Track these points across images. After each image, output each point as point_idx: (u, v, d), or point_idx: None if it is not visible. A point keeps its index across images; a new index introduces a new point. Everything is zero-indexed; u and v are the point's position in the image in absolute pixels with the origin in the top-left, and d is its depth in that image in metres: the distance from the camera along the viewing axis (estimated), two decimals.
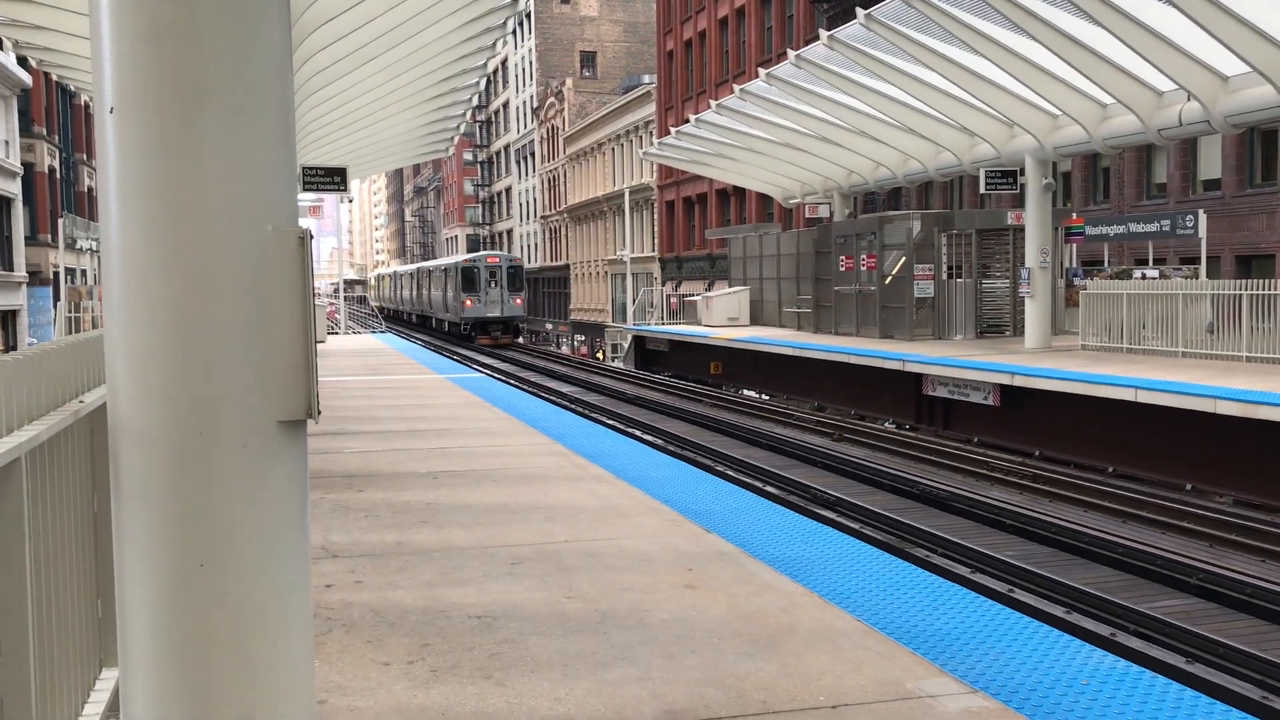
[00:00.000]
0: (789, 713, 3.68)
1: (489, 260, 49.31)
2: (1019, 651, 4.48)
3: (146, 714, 2.43)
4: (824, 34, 20.74)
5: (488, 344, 46.53)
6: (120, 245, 2.40)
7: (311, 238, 2.66)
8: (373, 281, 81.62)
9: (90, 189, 43.80)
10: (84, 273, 36.12)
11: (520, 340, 50.57)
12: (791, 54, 22.39)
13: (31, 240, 36.02)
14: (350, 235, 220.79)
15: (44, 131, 36.95)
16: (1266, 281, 16.38)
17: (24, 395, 2.79)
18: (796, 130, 25.68)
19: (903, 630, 4.72)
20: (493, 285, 48.02)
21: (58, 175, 39.44)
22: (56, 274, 35.04)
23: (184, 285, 2.37)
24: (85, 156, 43.15)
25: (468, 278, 48.24)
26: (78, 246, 35.16)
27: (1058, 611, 8.99)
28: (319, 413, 2.60)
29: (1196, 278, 19.55)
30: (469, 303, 47.63)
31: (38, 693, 2.74)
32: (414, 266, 69.79)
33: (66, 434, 3.10)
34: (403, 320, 64.72)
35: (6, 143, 31.57)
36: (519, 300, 48.49)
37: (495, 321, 47.76)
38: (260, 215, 2.44)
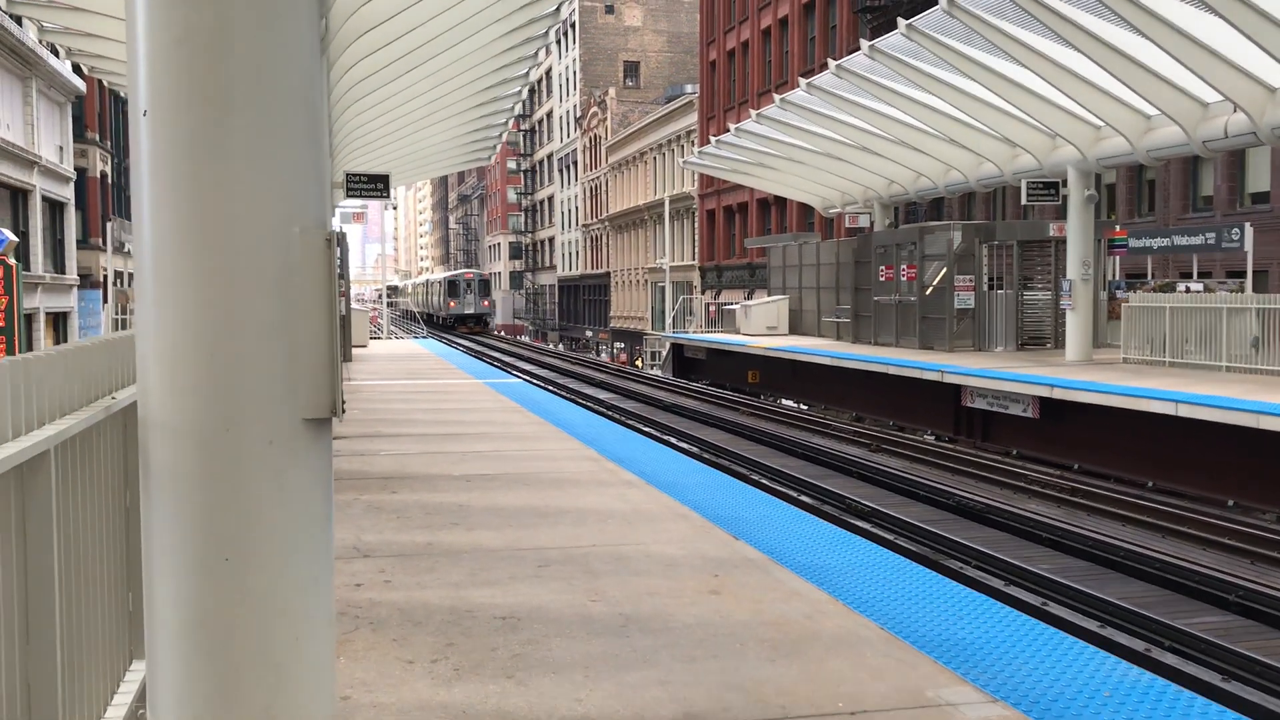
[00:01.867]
0: (808, 718, 3.69)
1: (466, 275, 68.60)
2: (1042, 662, 4.46)
3: (171, 704, 2.48)
4: (865, 44, 20.70)
5: (464, 331, 64.81)
6: (152, 245, 2.47)
7: (340, 239, 2.71)
8: (409, 289, 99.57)
9: None
10: (131, 276, 36.64)
11: (488, 326, 69.86)
12: (832, 64, 22.36)
13: (83, 244, 36.61)
14: (396, 242, 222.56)
15: (96, 137, 37.59)
16: None
17: (56, 390, 2.87)
18: (837, 140, 25.62)
19: (927, 639, 4.71)
20: (469, 293, 67.08)
21: (109, 180, 40.10)
22: (106, 277, 35.62)
23: (212, 284, 2.42)
24: None
25: (452, 287, 67.57)
26: (126, 250, 35.72)
27: (1092, 626, 8.89)
28: (344, 411, 2.65)
29: (1242, 292, 19.28)
30: (452, 304, 66.97)
31: (64, 681, 2.81)
32: (424, 279, 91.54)
33: (98, 429, 3.18)
34: (416, 319, 79.09)
35: (61, 148, 32.15)
36: (486, 303, 67.99)
37: (470, 317, 66.62)
38: (288, 216, 2.49)
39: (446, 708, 3.75)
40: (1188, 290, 20.24)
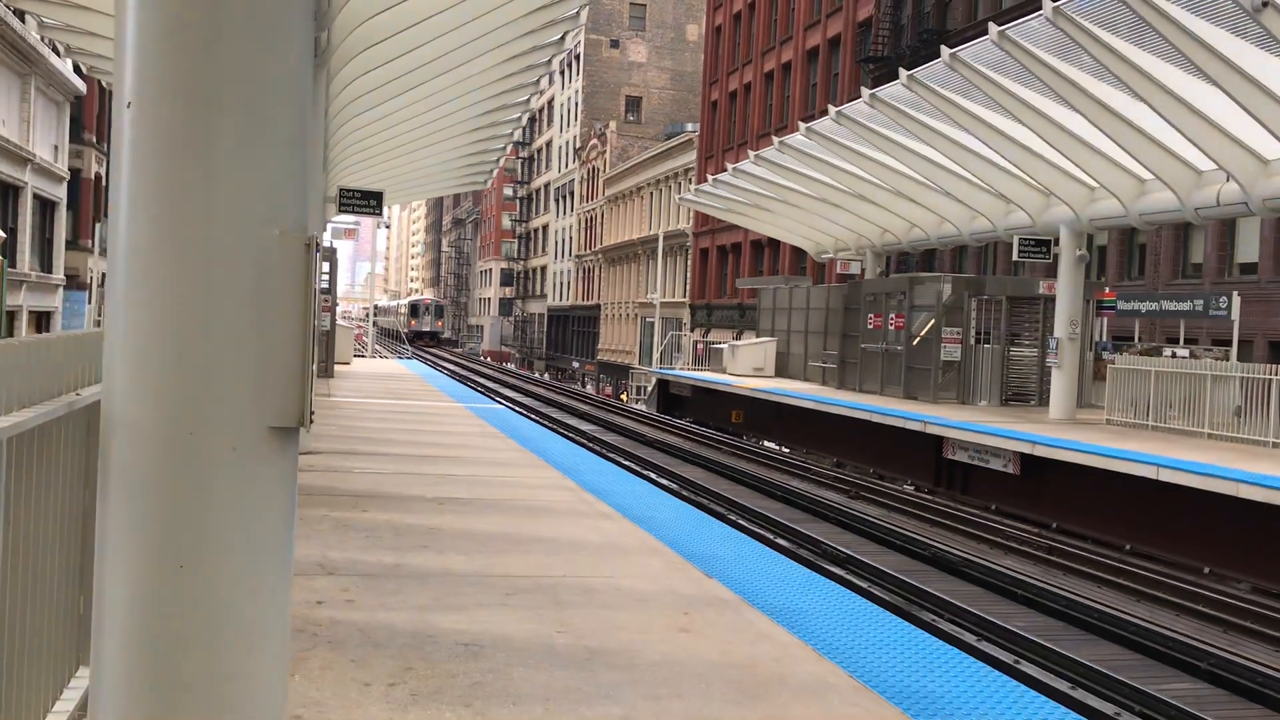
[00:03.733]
0: None
1: (425, 300, 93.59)
2: (1013, 719, 4.39)
3: (114, 714, 2.40)
4: (866, 92, 20.83)
5: (422, 344, 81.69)
6: (127, 240, 2.41)
7: (331, 253, 2.65)
8: (392, 310, 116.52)
9: None
10: None
11: (441, 341, 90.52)
12: (833, 109, 22.49)
13: (73, 245, 36.45)
14: (387, 261, 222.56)
15: (93, 139, 37.53)
16: None
17: (14, 381, 2.79)
18: (833, 186, 25.73)
19: (896, 690, 4.63)
20: (426, 314, 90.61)
21: (104, 182, 40.02)
22: (93, 279, 35.44)
23: (186, 283, 2.36)
24: None
25: (413, 308, 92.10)
26: None
27: (1063, 686, 8.81)
28: (311, 422, 2.59)
29: (1227, 359, 19.35)
30: (413, 323, 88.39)
31: (4, 687, 2.71)
32: (395, 302, 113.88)
33: (57, 425, 3.10)
34: (396, 337, 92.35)
35: (56, 148, 32.06)
36: (440, 323, 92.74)
37: (426, 333, 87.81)
38: (268, 218, 2.43)
39: None
40: (1174, 355, 20.30)
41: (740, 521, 15.42)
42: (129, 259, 2.42)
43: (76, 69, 28.33)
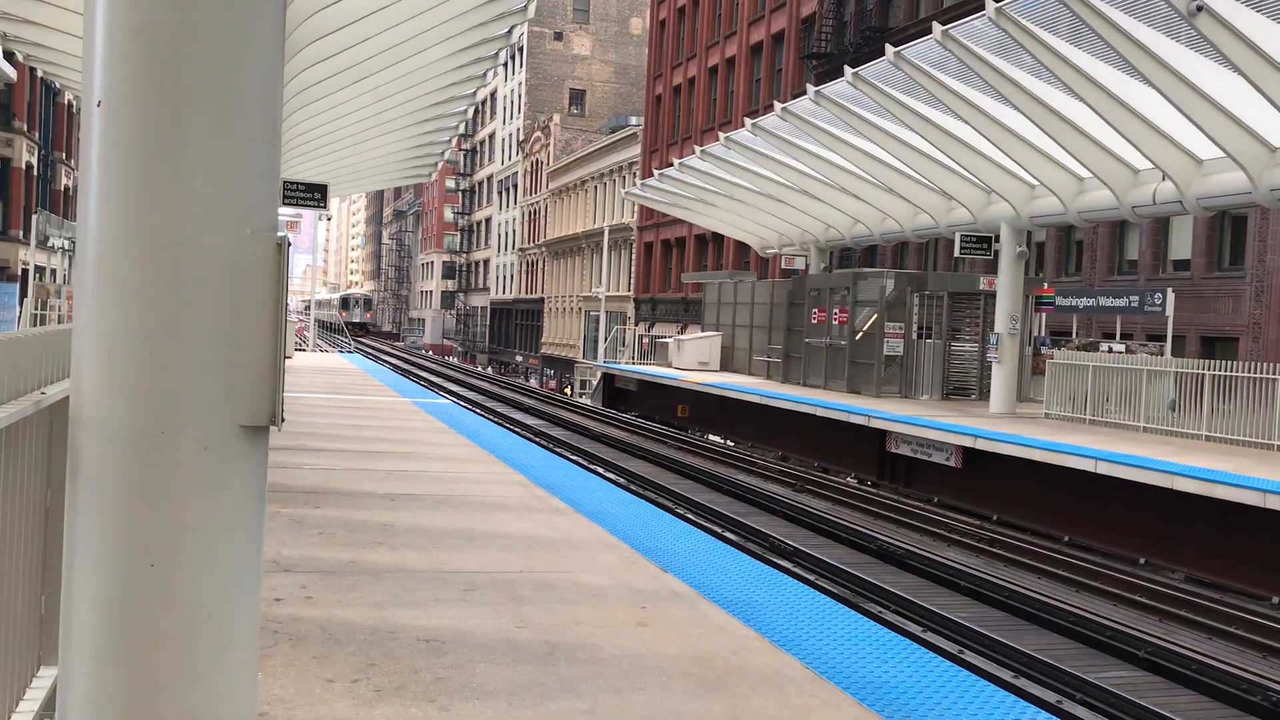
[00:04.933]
0: None
1: (355, 295, 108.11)
2: (965, 709, 4.49)
3: (83, 712, 2.39)
4: (811, 89, 21.01)
5: (353, 334, 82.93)
6: (97, 238, 2.40)
7: (290, 245, 2.66)
8: (327, 303, 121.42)
9: (67, 188, 43.47)
10: (54, 271, 35.79)
11: (370, 331, 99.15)
12: (778, 106, 22.65)
13: (3, 236, 35.67)
14: (326, 254, 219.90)
15: (24, 127, 36.71)
16: (1229, 363, 16.63)
17: None
18: (778, 182, 25.93)
19: (851, 680, 4.72)
20: (356, 306, 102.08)
21: (35, 172, 39.14)
22: (25, 271, 34.67)
23: (157, 281, 2.36)
24: (64, 155, 42.85)
25: (344, 301, 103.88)
26: (49, 244, 34.85)
27: (1006, 675, 9.01)
28: (283, 420, 2.59)
29: (1162, 355, 19.81)
30: (344, 315, 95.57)
31: None
32: (332, 295, 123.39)
33: (24, 424, 3.07)
34: (328, 329, 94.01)
35: None
36: (369, 315, 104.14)
37: (358, 325, 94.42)
38: (239, 217, 2.43)
39: None
40: (1110, 350, 20.74)
41: (689, 516, 15.52)
42: (98, 257, 2.41)
43: (8, 55, 27.66)
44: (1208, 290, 24.82)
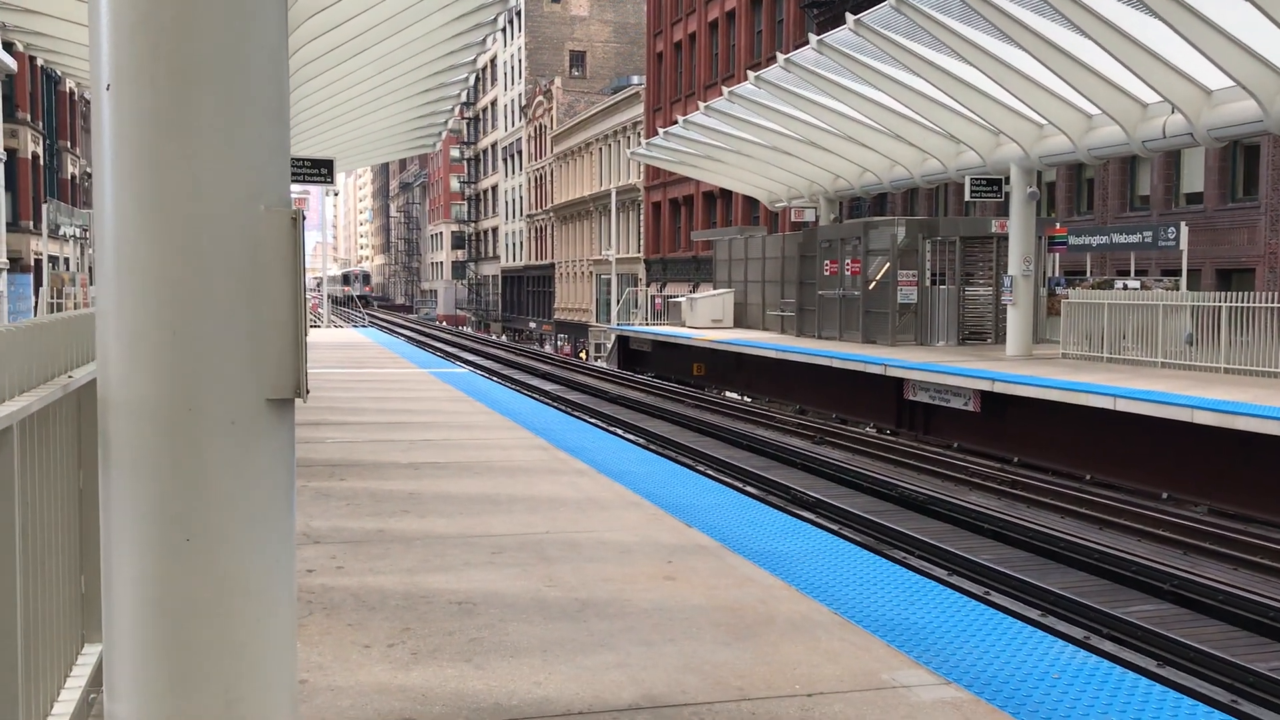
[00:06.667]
0: (765, 699, 3.73)
1: (355, 271, 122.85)
2: (993, 646, 4.54)
3: (130, 687, 2.45)
4: (814, 38, 20.83)
5: (353, 306, 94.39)
6: (114, 221, 2.42)
7: (304, 218, 2.68)
8: (334, 279, 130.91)
9: (74, 176, 43.54)
10: (66, 260, 35.95)
11: (370, 305, 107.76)
12: (781, 57, 22.47)
13: (13, 227, 35.75)
14: (335, 230, 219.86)
15: (28, 118, 36.72)
16: (1246, 295, 16.54)
17: (18, 366, 2.81)
18: (784, 134, 25.77)
19: (879, 623, 4.77)
20: (356, 280, 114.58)
21: (41, 162, 39.20)
22: (38, 260, 34.82)
23: (175, 262, 2.38)
24: (69, 144, 42.89)
25: (346, 277, 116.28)
26: (61, 233, 34.97)
27: (1033, 614, 9.07)
28: (307, 392, 2.63)
29: (1177, 290, 19.72)
30: (346, 288, 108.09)
31: (24, 664, 2.76)
32: (340, 271, 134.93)
33: (55, 408, 3.12)
34: (338, 302, 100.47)
35: None
36: (368, 288, 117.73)
37: (359, 297, 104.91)
38: (252, 194, 2.46)
39: (405, 691, 3.74)
40: (1125, 288, 20.65)
41: (709, 472, 15.59)
42: (116, 240, 2.43)
43: (7, 45, 27.63)
44: (1222, 222, 24.63)
